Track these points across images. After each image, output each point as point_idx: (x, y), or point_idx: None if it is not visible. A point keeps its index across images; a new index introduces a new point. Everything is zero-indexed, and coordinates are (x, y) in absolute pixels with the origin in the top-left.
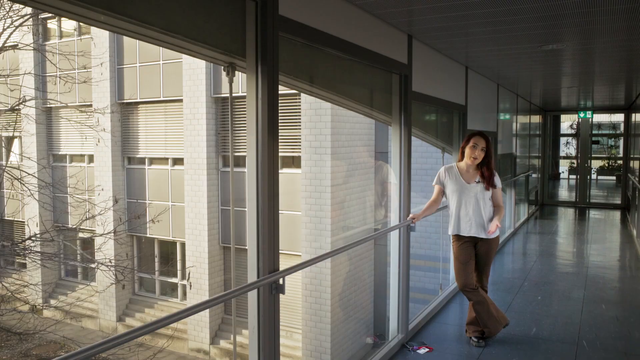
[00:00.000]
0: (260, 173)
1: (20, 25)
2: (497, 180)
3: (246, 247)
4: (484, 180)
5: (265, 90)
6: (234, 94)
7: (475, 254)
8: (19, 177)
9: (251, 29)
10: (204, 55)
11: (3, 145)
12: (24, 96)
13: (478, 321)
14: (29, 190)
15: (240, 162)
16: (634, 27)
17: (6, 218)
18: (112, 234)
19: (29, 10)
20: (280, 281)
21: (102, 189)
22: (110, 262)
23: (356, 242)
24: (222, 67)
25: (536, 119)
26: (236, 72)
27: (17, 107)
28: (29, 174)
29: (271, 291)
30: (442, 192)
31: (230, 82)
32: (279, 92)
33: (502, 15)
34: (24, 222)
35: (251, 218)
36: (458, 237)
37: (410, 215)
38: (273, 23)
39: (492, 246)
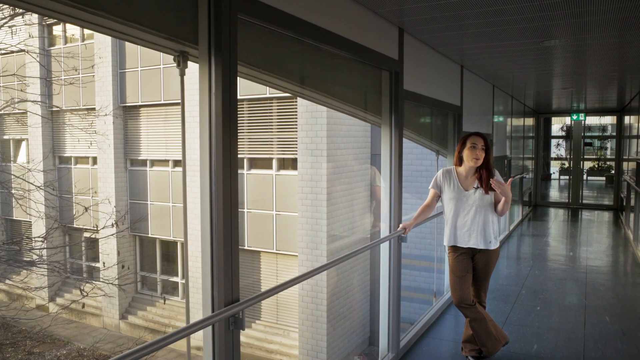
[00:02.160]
0: (215, 180)
1: (3, 26)
2: (498, 176)
3: (246, 247)
4: (483, 184)
5: (220, 83)
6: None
7: (473, 267)
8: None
9: (204, 9)
10: (146, 42)
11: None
12: (13, 98)
13: (475, 339)
14: (12, 194)
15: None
16: (627, 19)
17: (14, 218)
18: (97, 237)
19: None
20: (240, 314)
21: (96, 192)
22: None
23: (346, 256)
24: (173, 57)
25: (529, 121)
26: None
27: (4, 110)
28: (17, 177)
29: (228, 327)
30: (438, 197)
31: (182, 74)
32: (277, 94)
33: (495, 4)
34: (30, 221)
35: (204, 237)
36: (454, 249)
37: (401, 225)
38: (230, 2)
39: (492, 258)
